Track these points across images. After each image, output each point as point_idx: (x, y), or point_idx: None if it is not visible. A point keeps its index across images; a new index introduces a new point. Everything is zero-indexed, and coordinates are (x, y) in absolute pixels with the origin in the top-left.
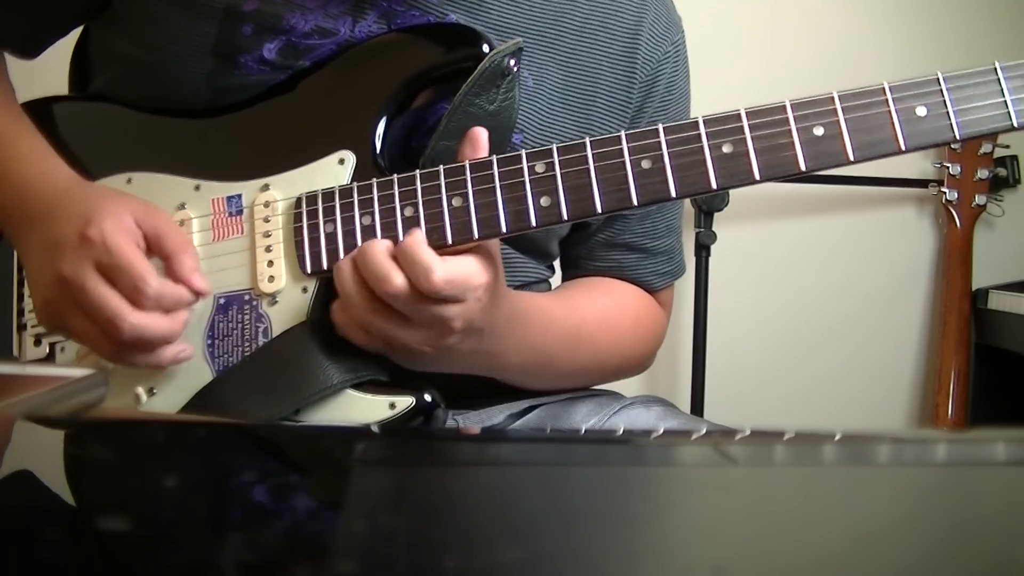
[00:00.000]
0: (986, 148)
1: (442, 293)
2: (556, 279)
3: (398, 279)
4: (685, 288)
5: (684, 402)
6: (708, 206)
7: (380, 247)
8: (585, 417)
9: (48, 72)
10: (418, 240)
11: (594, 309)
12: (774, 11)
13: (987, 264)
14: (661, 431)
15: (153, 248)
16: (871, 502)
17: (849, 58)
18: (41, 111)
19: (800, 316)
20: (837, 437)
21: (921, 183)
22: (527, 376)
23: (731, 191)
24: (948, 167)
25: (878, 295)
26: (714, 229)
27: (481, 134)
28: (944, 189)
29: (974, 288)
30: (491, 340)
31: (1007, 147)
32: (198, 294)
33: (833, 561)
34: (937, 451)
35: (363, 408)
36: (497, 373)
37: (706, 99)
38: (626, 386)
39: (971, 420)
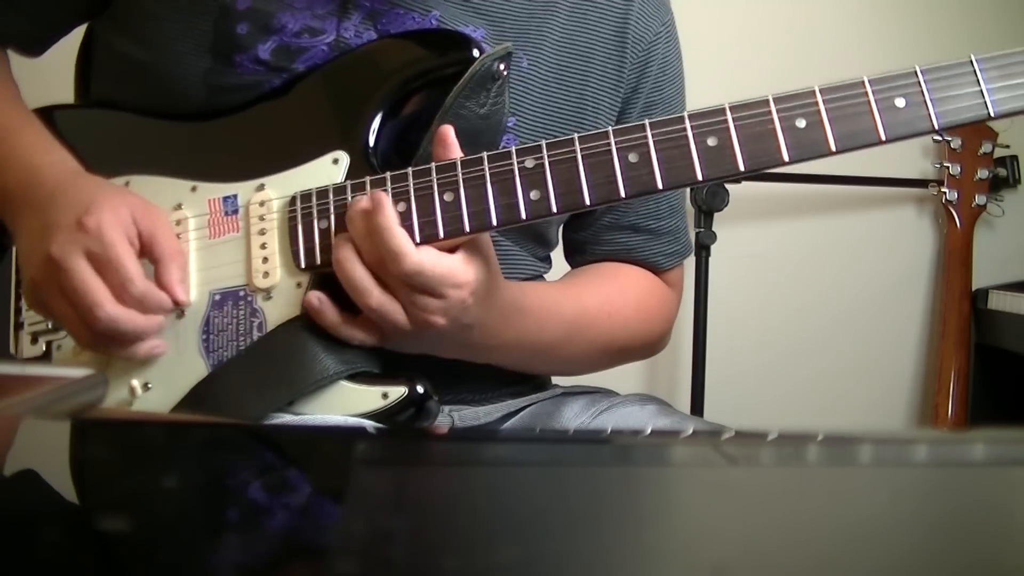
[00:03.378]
0: (986, 148)
1: (412, 280)
2: (550, 276)
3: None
4: (685, 288)
5: (684, 402)
6: (708, 206)
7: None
8: (577, 414)
9: (50, 74)
10: (391, 224)
11: (596, 295)
12: (759, 13)
13: (987, 264)
14: (649, 431)
15: (145, 250)
16: (870, 502)
17: (831, 56)
18: (41, 118)
19: (800, 316)
20: (835, 437)
21: (921, 183)
22: (520, 365)
23: (731, 191)
24: (948, 167)
25: (878, 295)
26: (714, 229)
27: (448, 132)
28: (944, 189)
29: (974, 288)
30: (483, 334)
31: (1007, 147)
32: (178, 304)
33: (832, 561)
34: (936, 451)
35: (356, 398)
36: (486, 360)
37: (691, 96)
38: (625, 385)
39: (971, 420)
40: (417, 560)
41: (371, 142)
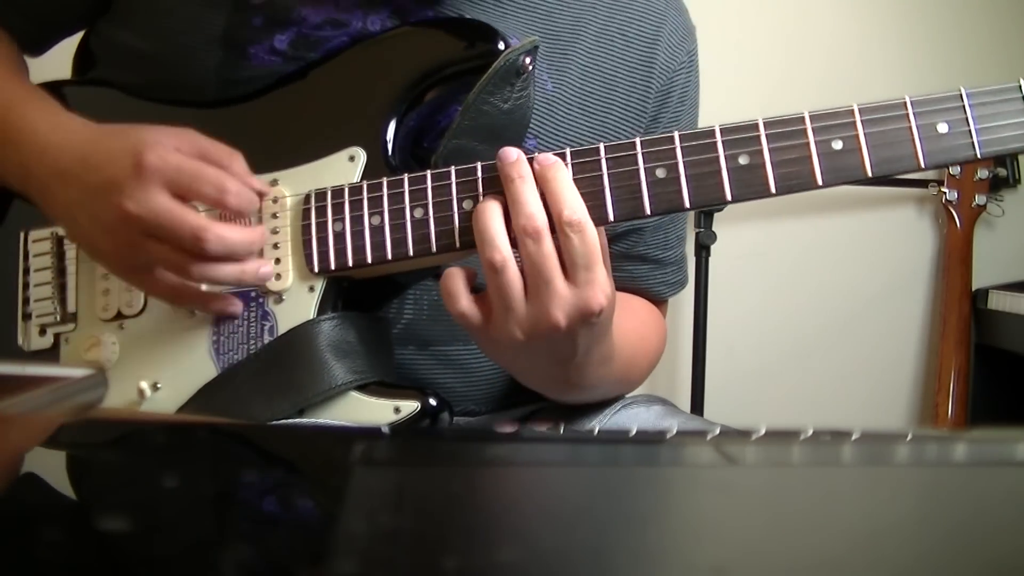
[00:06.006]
0: None
1: (566, 232)
2: None
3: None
4: (685, 288)
5: (684, 402)
6: None
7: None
8: (586, 417)
9: (51, 73)
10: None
11: (632, 332)
12: (787, 19)
13: (987, 264)
14: (675, 431)
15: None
16: (870, 502)
17: (860, 67)
18: (49, 94)
19: (800, 316)
20: (841, 437)
21: (921, 183)
22: (575, 398)
23: None
24: (948, 167)
25: (878, 295)
26: (714, 229)
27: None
28: (944, 189)
29: (974, 288)
30: (578, 372)
31: None
32: (261, 194)
33: (833, 562)
34: (937, 451)
35: (367, 411)
36: (556, 391)
37: (719, 107)
38: None
39: (971, 420)
40: (418, 560)
41: (389, 139)
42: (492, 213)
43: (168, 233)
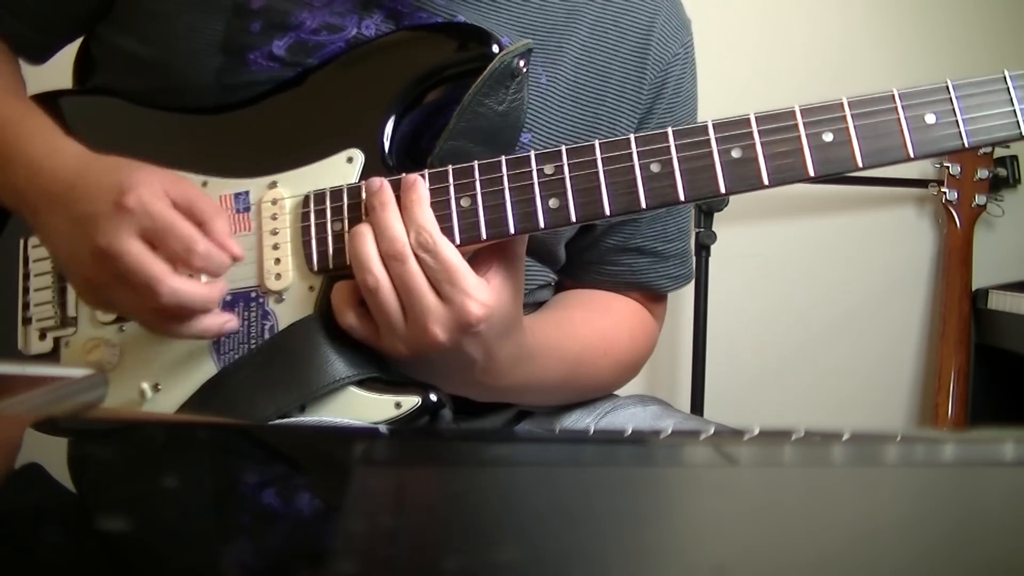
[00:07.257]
0: (986, 148)
1: (424, 258)
2: None
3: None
4: (685, 288)
5: (684, 402)
6: (708, 206)
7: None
8: (578, 418)
9: (54, 75)
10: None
11: (594, 332)
12: (776, 13)
13: (987, 264)
14: (670, 431)
15: (184, 216)
16: (871, 502)
17: (850, 61)
18: (47, 104)
19: (800, 316)
20: (837, 437)
21: (921, 183)
22: (513, 400)
23: None
24: (948, 167)
25: (878, 295)
26: (714, 229)
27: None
28: (944, 189)
29: (974, 288)
30: (487, 374)
31: (1007, 147)
32: (235, 259)
33: (833, 561)
34: (937, 451)
35: (368, 407)
36: (484, 399)
37: (711, 100)
38: (624, 386)
39: (971, 420)
40: (418, 560)
41: (387, 141)
42: (364, 237)
43: (129, 278)
